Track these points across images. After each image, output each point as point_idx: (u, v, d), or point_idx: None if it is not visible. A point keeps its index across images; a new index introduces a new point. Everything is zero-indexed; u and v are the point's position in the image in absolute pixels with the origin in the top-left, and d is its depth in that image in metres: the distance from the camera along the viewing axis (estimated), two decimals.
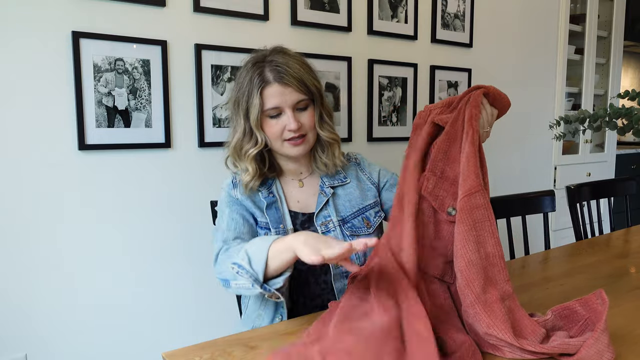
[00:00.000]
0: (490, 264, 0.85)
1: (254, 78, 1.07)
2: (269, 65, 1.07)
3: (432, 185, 0.91)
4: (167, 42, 1.61)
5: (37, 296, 1.49)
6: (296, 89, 1.07)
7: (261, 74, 1.07)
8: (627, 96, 1.24)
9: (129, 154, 1.59)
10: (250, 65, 1.10)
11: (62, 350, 1.54)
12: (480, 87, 0.95)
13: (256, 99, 1.06)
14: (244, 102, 1.09)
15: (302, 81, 1.08)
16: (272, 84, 1.06)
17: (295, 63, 1.09)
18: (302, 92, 1.09)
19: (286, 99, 1.07)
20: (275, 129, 1.08)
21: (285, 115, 1.08)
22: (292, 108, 1.08)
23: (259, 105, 1.06)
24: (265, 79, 1.06)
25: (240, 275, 0.94)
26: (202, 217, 1.62)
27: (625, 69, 4.57)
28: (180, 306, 1.74)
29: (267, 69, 1.07)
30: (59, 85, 1.47)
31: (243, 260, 0.94)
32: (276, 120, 1.08)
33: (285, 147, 1.11)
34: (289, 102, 1.07)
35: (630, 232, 1.75)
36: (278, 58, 1.09)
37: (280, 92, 1.06)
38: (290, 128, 1.07)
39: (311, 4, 1.91)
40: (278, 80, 1.06)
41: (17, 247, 1.45)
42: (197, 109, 1.69)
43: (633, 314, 0.99)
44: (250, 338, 0.92)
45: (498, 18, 2.61)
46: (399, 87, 2.22)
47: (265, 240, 0.96)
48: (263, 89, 1.06)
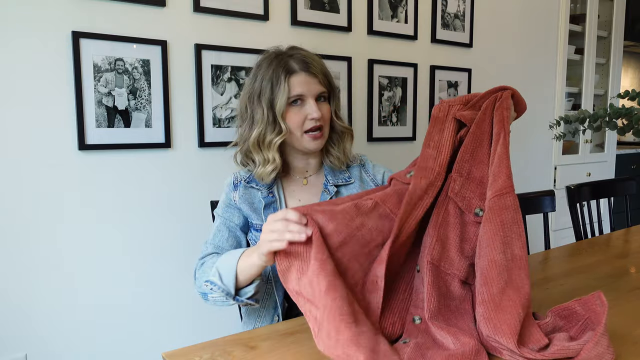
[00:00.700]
0: (517, 267, 0.83)
1: (279, 68, 1.08)
2: (292, 57, 1.10)
3: (458, 187, 0.90)
4: (167, 42, 1.61)
5: (37, 296, 1.49)
6: (320, 81, 1.11)
7: (287, 64, 1.09)
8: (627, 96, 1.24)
9: (129, 154, 1.59)
10: (272, 58, 1.11)
11: (62, 350, 1.54)
12: (506, 88, 0.94)
13: (284, 85, 1.07)
14: (267, 92, 1.09)
15: (325, 74, 1.12)
16: (299, 73, 1.09)
17: (317, 57, 1.14)
18: (324, 84, 1.12)
19: (310, 88, 1.09)
20: (297, 118, 1.09)
21: (307, 104, 1.09)
22: (314, 98, 1.10)
23: (287, 92, 1.07)
24: (291, 68, 1.09)
25: (214, 291, 0.96)
26: (202, 217, 1.62)
27: (625, 69, 4.57)
28: (180, 306, 1.74)
29: (291, 60, 1.10)
30: (59, 85, 1.47)
31: (214, 277, 0.97)
32: (298, 109, 1.09)
33: (305, 140, 1.11)
34: (312, 92, 1.10)
35: (630, 232, 1.75)
36: (300, 51, 1.12)
37: (306, 81, 1.09)
38: (313, 116, 1.08)
39: (311, 4, 1.91)
40: (305, 70, 1.09)
41: (17, 247, 1.45)
42: (197, 109, 1.69)
43: (633, 314, 0.99)
44: (250, 338, 0.92)
45: (498, 18, 2.61)
46: (399, 87, 2.22)
47: (233, 255, 0.97)
48: (290, 76, 1.08)
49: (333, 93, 1.16)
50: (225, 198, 1.16)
